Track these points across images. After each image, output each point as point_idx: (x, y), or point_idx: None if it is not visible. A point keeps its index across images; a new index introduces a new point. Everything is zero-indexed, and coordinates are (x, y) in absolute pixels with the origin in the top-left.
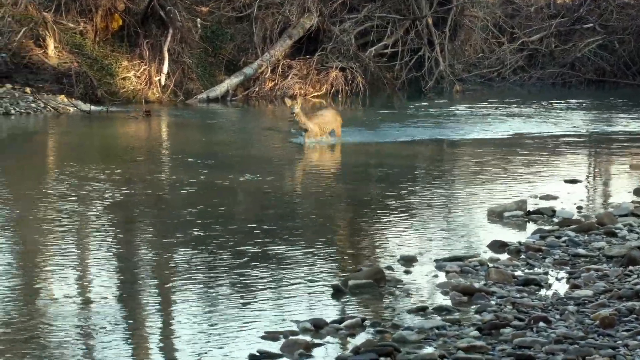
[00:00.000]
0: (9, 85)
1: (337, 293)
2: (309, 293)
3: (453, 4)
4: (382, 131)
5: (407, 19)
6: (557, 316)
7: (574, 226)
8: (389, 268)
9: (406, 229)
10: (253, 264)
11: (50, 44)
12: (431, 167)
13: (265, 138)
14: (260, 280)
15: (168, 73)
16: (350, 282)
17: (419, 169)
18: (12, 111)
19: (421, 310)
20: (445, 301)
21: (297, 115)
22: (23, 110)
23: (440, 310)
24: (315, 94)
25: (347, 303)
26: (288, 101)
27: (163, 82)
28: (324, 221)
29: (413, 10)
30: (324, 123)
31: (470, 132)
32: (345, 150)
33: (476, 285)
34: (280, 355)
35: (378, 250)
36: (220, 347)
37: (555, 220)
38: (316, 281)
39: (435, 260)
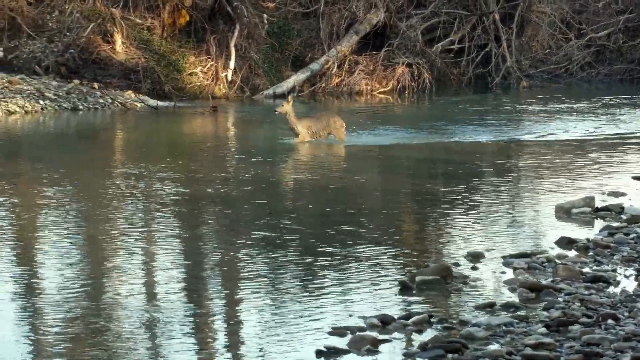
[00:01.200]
0: (77, 81)
1: (404, 289)
2: (376, 289)
3: (520, 0)
4: (447, 129)
5: (474, 15)
6: (626, 313)
7: None
8: (456, 264)
9: (473, 225)
10: (320, 259)
11: (118, 39)
12: (498, 164)
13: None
14: (327, 276)
15: (235, 69)
16: (418, 279)
17: (485, 166)
18: (80, 107)
19: (488, 307)
20: (513, 298)
21: (287, 115)
22: (91, 106)
23: (507, 307)
24: (382, 90)
25: (414, 299)
26: (290, 98)
27: (230, 78)
28: (391, 217)
29: (480, 6)
30: (317, 127)
31: (536, 129)
32: (409, 147)
33: (544, 282)
34: (348, 351)
35: (445, 247)
36: (287, 343)
37: (624, 217)
38: (383, 277)
39: (503, 257)
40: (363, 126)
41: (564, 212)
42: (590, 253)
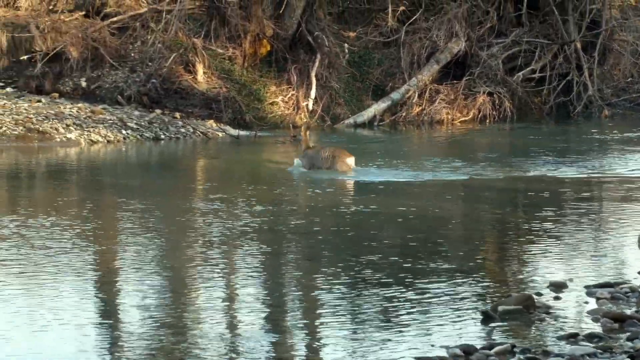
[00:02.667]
0: (158, 111)
1: (487, 319)
2: (458, 319)
3: (602, 29)
4: (528, 159)
5: (555, 44)
6: None
7: None
8: (539, 294)
9: (555, 255)
10: (401, 289)
11: (200, 69)
12: (579, 194)
13: (412, 163)
14: (409, 306)
15: (315, 98)
16: (500, 308)
17: (567, 196)
18: (162, 136)
19: (572, 337)
20: (596, 328)
21: (303, 142)
22: (172, 136)
23: (591, 337)
24: (463, 119)
25: (497, 329)
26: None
27: (310, 107)
28: (472, 247)
29: (561, 35)
30: (318, 160)
31: (619, 161)
32: (490, 177)
33: (628, 312)
34: None
35: (527, 276)
36: None
37: None
38: (465, 306)
39: (586, 287)
40: (444, 156)
41: None
42: None
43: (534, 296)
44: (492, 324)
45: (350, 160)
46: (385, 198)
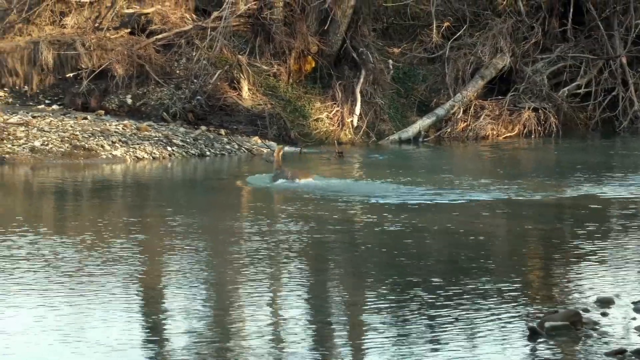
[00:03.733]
0: (203, 127)
1: (533, 335)
2: (505, 335)
3: None
4: (574, 176)
5: (600, 59)
6: None
7: None
8: (586, 310)
9: (602, 271)
10: (447, 304)
11: (245, 86)
12: (626, 211)
13: (457, 179)
14: (454, 321)
15: (360, 114)
16: (547, 324)
17: (614, 212)
18: (207, 153)
19: (619, 354)
20: None
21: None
22: (218, 152)
23: (638, 353)
24: (508, 134)
25: (543, 345)
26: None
27: (355, 124)
28: (518, 262)
29: (607, 50)
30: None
31: None
32: (535, 193)
33: None
34: None
35: (574, 292)
36: None
37: None
38: (511, 323)
39: (633, 302)
40: (488, 172)
41: None
42: None
43: (581, 312)
44: (539, 340)
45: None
46: (429, 214)
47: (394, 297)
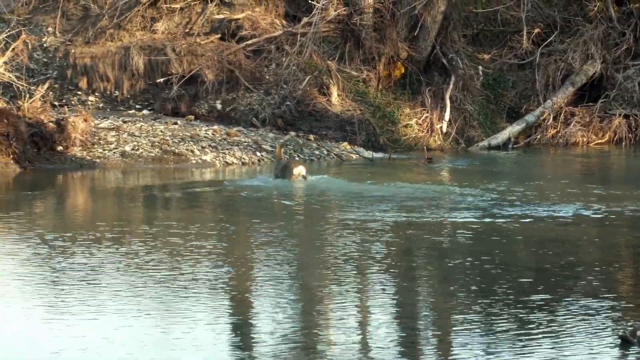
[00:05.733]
0: (293, 133)
1: (625, 344)
2: (595, 344)
3: None
4: None
5: None
6: None
7: None
8: None
9: None
10: (535, 311)
11: (334, 92)
12: None
13: (547, 186)
14: (543, 329)
15: (450, 120)
16: (638, 333)
17: None
18: (297, 158)
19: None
20: None
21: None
22: (307, 157)
23: None
24: (598, 141)
25: (635, 354)
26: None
27: (444, 130)
28: (608, 270)
29: None
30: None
31: None
32: (625, 201)
33: None
34: None
35: None
36: None
37: None
38: (602, 331)
39: None
40: (578, 179)
41: None
42: None
43: None
44: (631, 349)
45: (298, 170)
46: (518, 219)
47: (481, 302)
